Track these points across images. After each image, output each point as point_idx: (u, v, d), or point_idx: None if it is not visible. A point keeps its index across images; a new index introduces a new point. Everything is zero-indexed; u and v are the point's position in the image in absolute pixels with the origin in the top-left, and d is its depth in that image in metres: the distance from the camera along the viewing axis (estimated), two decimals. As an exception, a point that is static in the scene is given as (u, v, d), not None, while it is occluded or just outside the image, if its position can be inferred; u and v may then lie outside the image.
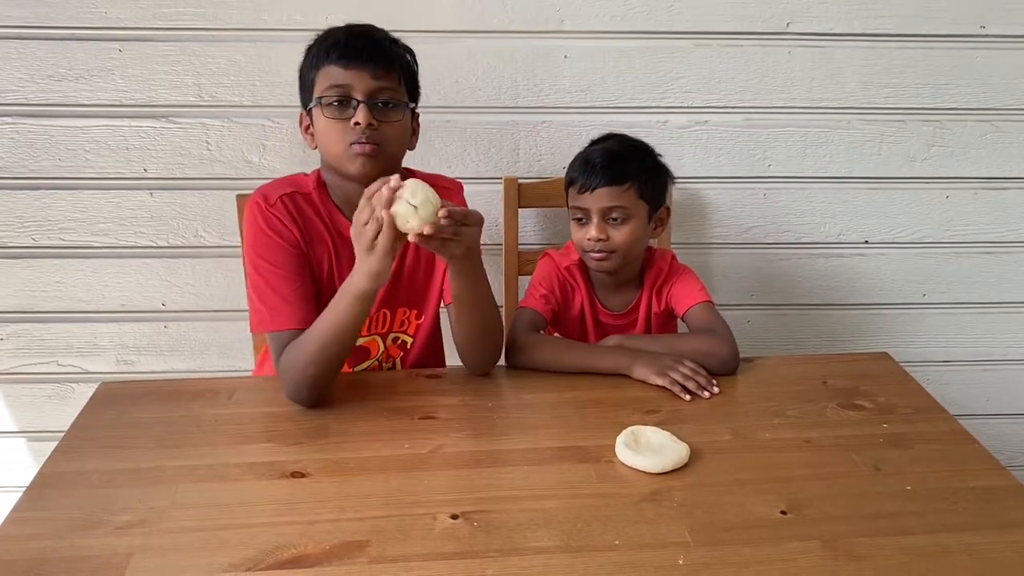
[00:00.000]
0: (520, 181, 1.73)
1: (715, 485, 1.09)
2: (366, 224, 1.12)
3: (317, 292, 1.35)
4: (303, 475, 1.11)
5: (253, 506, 1.04)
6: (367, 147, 1.26)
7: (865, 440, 1.20)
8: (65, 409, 1.86)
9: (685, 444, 1.15)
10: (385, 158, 1.29)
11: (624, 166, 1.42)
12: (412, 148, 1.39)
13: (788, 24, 1.70)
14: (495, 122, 1.75)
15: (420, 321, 1.46)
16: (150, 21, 1.61)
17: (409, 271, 1.42)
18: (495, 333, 1.36)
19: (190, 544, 0.98)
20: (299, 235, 1.32)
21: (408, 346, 1.47)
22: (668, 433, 1.17)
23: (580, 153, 1.50)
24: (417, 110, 1.38)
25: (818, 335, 1.99)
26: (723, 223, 1.87)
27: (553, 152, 1.78)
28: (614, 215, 1.42)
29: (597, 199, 1.42)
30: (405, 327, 1.45)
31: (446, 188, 1.42)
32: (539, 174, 1.78)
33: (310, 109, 1.30)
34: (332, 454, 1.15)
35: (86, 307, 1.83)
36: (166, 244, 1.78)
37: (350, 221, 1.33)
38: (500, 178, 1.74)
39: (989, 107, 1.80)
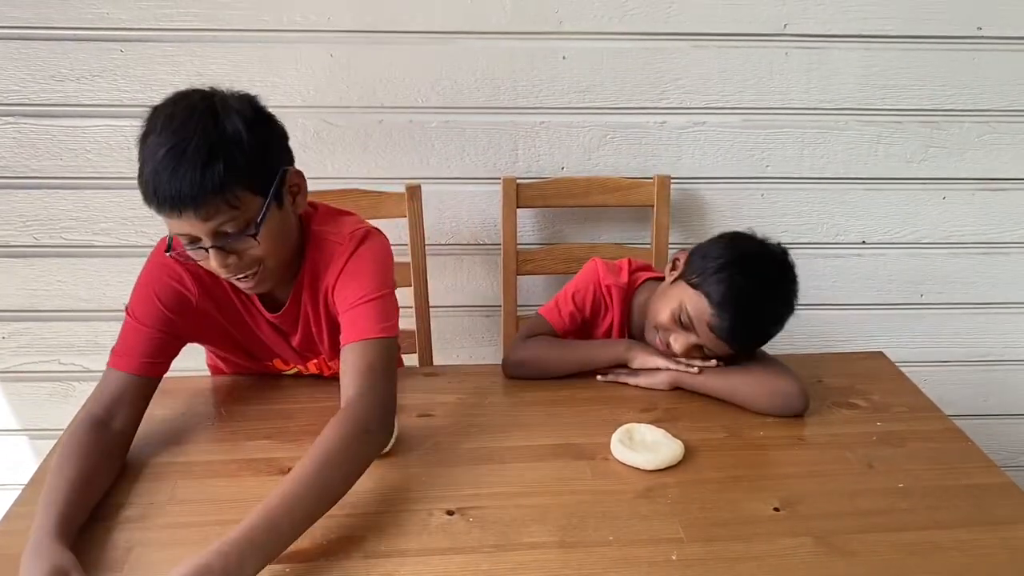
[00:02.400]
0: (519, 181, 1.74)
1: (709, 482, 1.10)
2: None
3: (236, 341, 1.30)
4: (301, 471, 1.11)
5: (251, 502, 1.03)
6: (247, 282, 1.14)
7: (859, 438, 1.21)
8: (66, 407, 1.86)
9: (679, 441, 1.16)
10: (269, 270, 1.15)
11: (756, 339, 1.32)
12: (301, 210, 1.20)
13: (785, 25, 1.71)
14: (494, 122, 1.76)
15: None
16: (151, 22, 1.62)
17: (318, 332, 1.29)
18: None
19: (189, 538, 0.99)
20: (191, 297, 1.20)
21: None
22: (663, 431, 1.18)
23: (734, 272, 1.26)
24: (288, 176, 1.14)
25: (815, 335, 2.00)
26: (721, 223, 1.87)
27: (551, 152, 1.78)
28: (708, 354, 1.32)
29: (711, 341, 1.29)
30: (333, 368, 1.35)
31: (332, 241, 1.23)
32: (538, 174, 1.79)
33: None
34: (330, 451, 1.16)
35: (87, 306, 1.84)
36: (167, 243, 1.79)
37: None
38: (499, 178, 1.74)
39: (986, 108, 1.80)
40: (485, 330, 1.95)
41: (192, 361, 1.88)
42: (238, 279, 1.13)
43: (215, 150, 1.03)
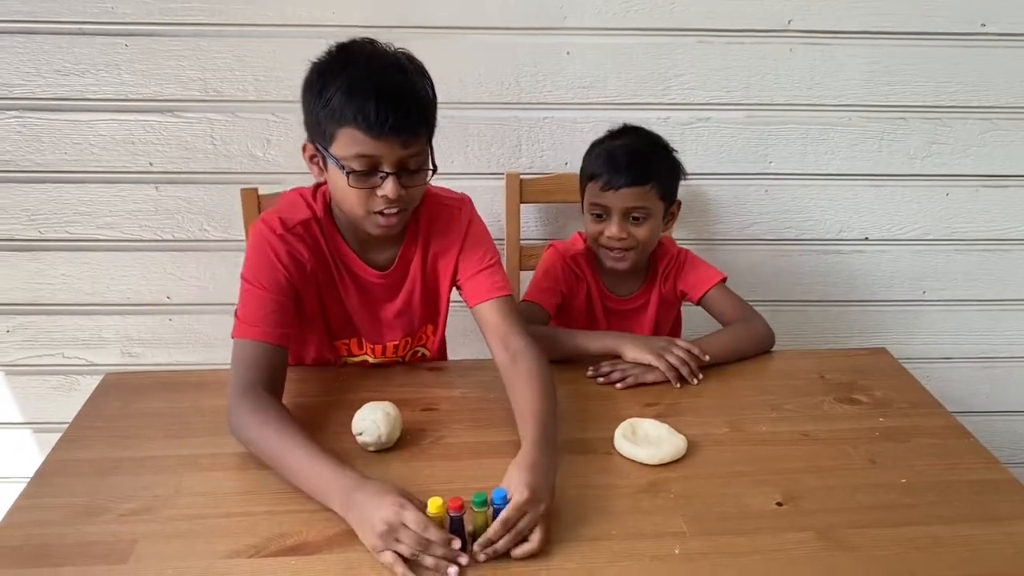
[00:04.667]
0: (522, 177, 1.74)
1: (712, 477, 1.11)
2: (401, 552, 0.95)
3: (321, 313, 1.33)
4: (305, 465, 1.12)
5: (255, 495, 1.06)
6: (393, 218, 1.20)
7: (861, 434, 1.21)
8: (71, 401, 1.87)
9: (682, 436, 1.16)
10: (408, 214, 1.24)
11: (648, 166, 1.43)
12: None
13: (790, 21, 1.71)
14: (497, 118, 1.76)
15: (436, 334, 1.44)
16: (156, 16, 1.62)
17: (420, 294, 1.37)
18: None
19: (193, 531, 0.99)
20: (305, 262, 1.26)
21: (427, 357, 1.46)
22: (666, 425, 1.18)
23: (600, 146, 1.49)
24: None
25: (818, 331, 2.00)
26: (725, 219, 1.88)
27: (555, 148, 1.79)
28: (635, 214, 1.43)
29: (621, 198, 1.42)
30: (424, 341, 1.44)
31: (448, 205, 1.35)
32: (541, 170, 1.79)
33: (322, 149, 1.19)
34: (333, 444, 1.15)
35: (91, 300, 1.84)
36: (171, 238, 1.80)
37: (354, 252, 1.30)
38: (502, 174, 1.75)
39: (989, 105, 1.80)
40: (488, 325, 1.95)
41: (196, 355, 1.90)
42: (391, 212, 1.19)
43: (426, 93, 1.18)
